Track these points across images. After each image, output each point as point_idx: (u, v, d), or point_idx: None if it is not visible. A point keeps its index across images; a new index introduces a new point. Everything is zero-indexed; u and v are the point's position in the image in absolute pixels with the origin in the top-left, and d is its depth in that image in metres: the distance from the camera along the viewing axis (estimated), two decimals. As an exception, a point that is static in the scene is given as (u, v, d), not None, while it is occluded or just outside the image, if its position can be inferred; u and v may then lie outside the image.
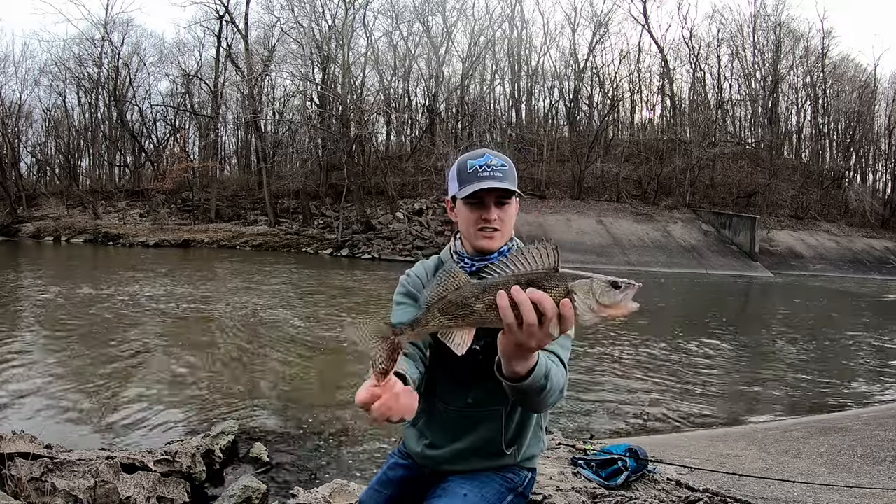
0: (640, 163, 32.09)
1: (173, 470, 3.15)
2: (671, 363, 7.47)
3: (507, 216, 1.37)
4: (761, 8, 35.37)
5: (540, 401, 1.11)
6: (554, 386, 1.11)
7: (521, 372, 1.02)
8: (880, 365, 8.00)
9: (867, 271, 26.89)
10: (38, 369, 5.96)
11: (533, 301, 0.87)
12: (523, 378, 1.03)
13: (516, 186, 1.36)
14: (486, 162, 1.33)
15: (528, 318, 0.88)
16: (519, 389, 1.06)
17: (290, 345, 7.56)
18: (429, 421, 1.45)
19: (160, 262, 18.04)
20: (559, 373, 1.16)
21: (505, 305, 0.88)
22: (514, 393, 1.09)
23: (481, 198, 1.34)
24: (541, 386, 1.06)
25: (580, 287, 0.88)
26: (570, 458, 3.48)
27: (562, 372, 1.20)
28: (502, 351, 1.00)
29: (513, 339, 0.93)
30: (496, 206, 1.35)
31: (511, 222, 1.40)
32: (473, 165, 1.34)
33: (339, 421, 4.79)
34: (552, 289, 0.89)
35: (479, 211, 1.34)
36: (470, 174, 1.34)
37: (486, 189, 1.31)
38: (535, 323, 0.88)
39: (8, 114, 30.91)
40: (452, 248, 1.45)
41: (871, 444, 4.19)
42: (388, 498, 1.48)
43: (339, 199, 26.47)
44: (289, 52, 30.34)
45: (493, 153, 1.36)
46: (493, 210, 1.34)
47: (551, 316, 0.88)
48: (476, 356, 1.35)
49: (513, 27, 35.69)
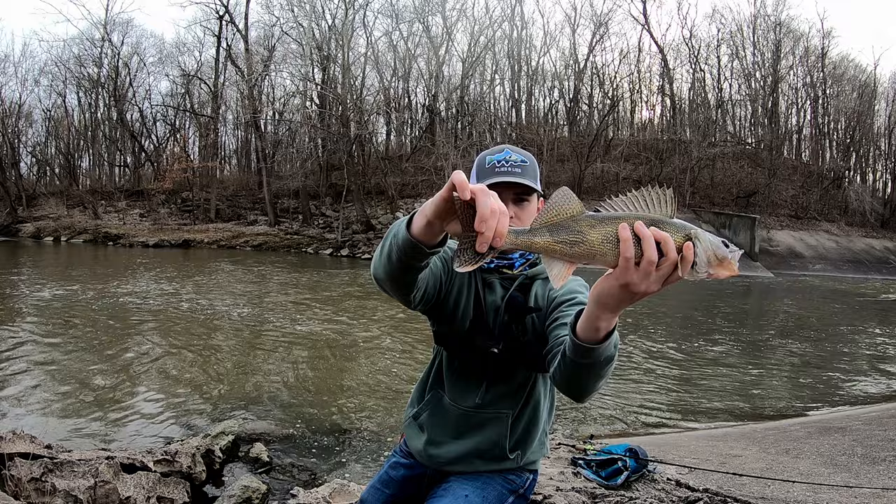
0: (640, 163, 32.09)
1: (173, 470, 3.15)
2: (671, 363, 7.47)
3: (525, 214, 1.31)
4: (761, 8, 35.37)
5: (601, 376, 1.02)
6: (614, 360, 1.02)
7: (603, 330, 0.94)
8: (880, 365, 8.00)
9: (867, 271, 26.89)
10: (37, 369, 5.96)
11: (656, 239, 0.83)
12: (601, 341, 0.95)
13: (538, 184, 1.32)
14: (506, 157, 1.30)
15: (649, 254, 0.82)
16: (593, 354, 0.96)
17: (291, 345, 7.56)
18: (433, 416, 1.44)
19: (160, 263, 18.04)
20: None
21: (628, 237, 0.83)
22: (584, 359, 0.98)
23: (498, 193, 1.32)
24: (610, 355, 0.99)
25: (703, 236, 0.85)
26: (570, 458, 3.48)
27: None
28: (599, 297, 0.90)
29: (624, 279, 0.85)
30: (514, 204, 1.30)
31: (530, 221, 1.35)
32: (492, 161, 1.31)
33: (340, 421, 4.79)
34: (674, 233, 0.85)
35: None
36: (488, 169, 1.31)
37: (503, 184, 1.28)
38: (655, 261, 0.83)
39: (8, 114, 30.94)
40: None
41: (871, 444, 4.18)
42: (390, 497, 1.47)
43: (339, 199, 26.48)
44: (289, 52, 30.36)
45: (513, 149, 1.32)
46: (510, 207, 1.28)
47: (672, 258, 0.83)
48: (489, 357, 1.34)
49: (513, 27, 35.71)
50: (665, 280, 0.85)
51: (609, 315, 0.92)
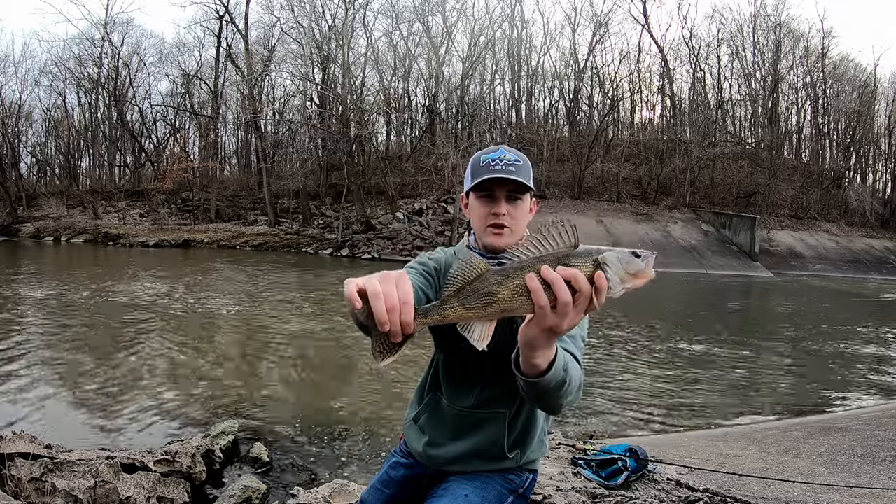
0: (640, 163, 32.08)
1: (173, 470, 3.15)
2: (671, 363, 7.47)
3: (518, 213, 1.34)
4: (761, 8, 35.40)
5: (559, 397, 1.05)
6: (572, 380, 1.06)
7: (542, 365, 0.97)
8: (880, 364, 8.00)
9: (867, 271, 26.89)
10: (37, 369, 5.96)
11: (565, 278, 0.84)
12: (544, 372, 0.98)
13: (531, 183, 1.33)
14: (500, 156, 1.32)
15: (562, 297, 0.84)
16: (539, 386, 1.00)
17: (290, 345, 7.56)
18: (431, 418, 1.45)
19: (160, 263, 18.04)
20: (576, 367, 1.12)
21: (537, 287, 0.84)
22: (534, 390, 1.02)
23: (492, 191, 1.32)
24: (561, 380, 1.01)
25: (611, 258, 0.86)
26: (570, 458, 3.49)
27: (577, 367, 1.15)
28: (526, 341, 0.94)
29: (544, 324, 0.87)
30: (507, 202, 1.32)
31: (523, 220, 1.36)
32: (486, 159, 1.33)
33: (340, 421, 4.79)
34: (581, 265, 0.86)
35: (490, 205, 1.33)
36: (482, 168, 1.32)
37: (497, 182, 1.30)
38: (570, 301, 0.84)
39: (8, 114, 30.93)
40: (466, 244, 1.45)
41: (871, 444, 4.18)
42: (389, 497, 1.48)
43: (339, 199, 26.47)
44: (289, 52, 30.34)
45: (508, 148, 1.34)
46: (502, 205, 1.32)
47: (586, 292, 0.84)
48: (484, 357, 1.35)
49: (513, 27, 35.73)
50: (586, 310, 0.87)
51: (542, 352, 0.95)
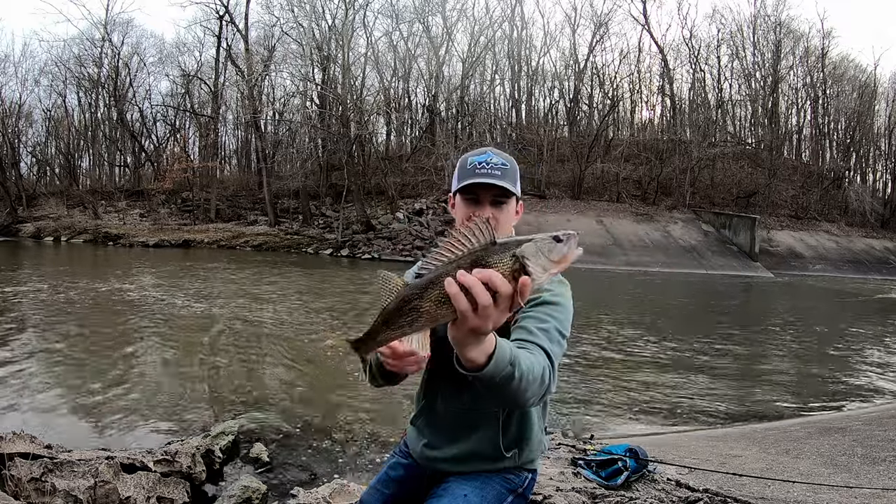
0: (640, 163, 32.08)
1: (173, 470, 3.15)
2: (671, 363, 7.47)
3: (503, 217, 1.34)
4: (761, 8, 35.41)
5: (516, 392, 0.99)
6: (525, 373, 0.99)
7: (478, 359, 0.92)
8: (880, 365, 8.00)
9: (867, 271, 26.89)
10: (37, 369, 5.95)
11: (482, 280, 0.82)
12: (484, 365, 0.93)
13: (517, 188, 1.34)
14: (487, 159, 1.32)
15: (482, 299, 0.82)
16: (484, 380, 0.95)
17: (290, 345, 7.56)
18: (429, 420, 1.45)
19: (160, 263, 18.04)
20: (534, 361, 1.06)
21: (455, 292, 0.82)
22: (482, 385, 0.97)
23: (477, 194, 1.33)
24: (508, 374, 0.96)
25: (529, 250, 0.83)
26: (570, 458, 3.48)
27: (539, 361, 1.08)
28: (454, 341, 0.91)
29: (469, 325, 0.85)
30: (492, 206, 1.33)
31: (508, 224, 1.37)
32: (473, 162, 1.33)
33: (340, 421, 4.79)
34: (498, 262, 0.83)
35: (474, 208, 1.33)
36: (468, 170, 1.33)
37: (482, 185, 1.30)
38: (490, 303, 0.82)
39: (8, 114, 30.95)
40: None
41: (871, 444, 4.18)
42: (389, 497, 1.48)
43: (339, 199, 26.48)
44: (289, 52, 30.37)
45: (495, 151, 1.35)
46: (487, 208, 1.32)
47: (505, 292, 0.82)
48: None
49: (513, 27, 35.76)
50: (510, 307, 0.85)
51: (473, 348, 0.92)
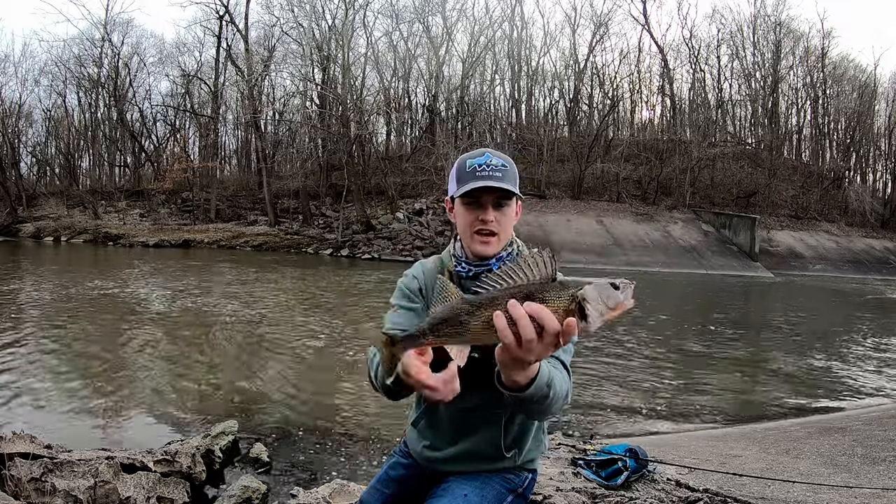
0: (640, 163, 32.08)
1: (173, 470, 3.15)
2: (671, 363, 7.47)
3: (505, 219, 1.33)
4: (761, 8, 35.40)
5: (543, 409, 1.08)
6: (557, 394, 1.07)
7: (521, 382, 0.98)
8: (880, 365, 8.00)
9: (867, 271, 26.89)
10: (37, 369, 5.95)
11: (531, 315, 0.84)
12: (524, 388, 0.99)
13: (517, 188, 1.33)
14: (486, 161, 1.30)
15: (526, 334, 0.84)
16: (521, 400, 1.02)
17: (290, 345, 7.56)
18: (430, 422, 1.45)
19: (160, 263, 18.03)
20: (563, 379, 1.13)
21: (502, 326, 0.84)
22: (517, 403, 1.04)
23: (478, 198, 1.30)
24: (543, 395, 1.03)
25: (591, 294, 0.84)
26: (570, 458, 3.48)
27: (565, 378, 1.15)
28: (502, 365, 0.96)
29: (512, 355, 0.89)
30: (494, 208, 1.31)
31: (510, 226, 1.36)
32: (472, 164, 1.31)
33: (340, 421, 4.79)
34: (554, 300, 0.85)
35: (476, 212, 1.31)
36: (468, 173, 1.31)
37: (484, 189, 1.28)
38: (534, 339, 0.84)
39: (8, 114, 30.94)
40: (451, 251, 1.42)
41: (871, 444, 4.18)
42: (389, 497, 1.47)
43: (339, 199, 26.47)
44: (289, 52, 30.37)
45: (493, 153, 1.33)
46: (490, 211, 1.30)
47: (552, 330, 0.84)
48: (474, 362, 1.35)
49: (513, 27, 35.76)
50: (555, 345, 0.86)
51: (518, 372, 0.96)
